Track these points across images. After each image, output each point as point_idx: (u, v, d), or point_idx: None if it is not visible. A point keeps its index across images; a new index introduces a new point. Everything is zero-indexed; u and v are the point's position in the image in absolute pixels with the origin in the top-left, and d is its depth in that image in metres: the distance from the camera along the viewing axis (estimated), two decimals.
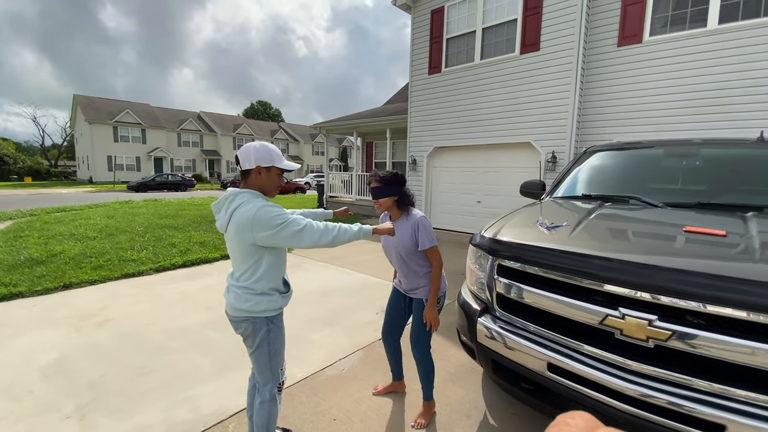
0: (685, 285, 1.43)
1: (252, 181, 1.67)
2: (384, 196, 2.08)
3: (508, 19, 7.47)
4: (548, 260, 1.77)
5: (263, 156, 1.65)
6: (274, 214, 1.55)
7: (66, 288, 4.50)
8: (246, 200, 1.59)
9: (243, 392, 2.48)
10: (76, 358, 2.92)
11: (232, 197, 1.62)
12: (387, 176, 2.08)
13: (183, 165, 39.04)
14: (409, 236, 2.09)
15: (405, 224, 2.12)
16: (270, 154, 1.66)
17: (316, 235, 1.59)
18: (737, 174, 2.64)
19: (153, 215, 10.12)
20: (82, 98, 35.30)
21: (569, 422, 0.38)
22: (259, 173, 1.66)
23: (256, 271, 1.63)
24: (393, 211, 2.16)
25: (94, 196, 19.56)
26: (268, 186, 1.70)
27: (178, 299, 4.20)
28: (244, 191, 1.64)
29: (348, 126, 12.38)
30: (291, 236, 1.55)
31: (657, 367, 1.50)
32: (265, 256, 1.63)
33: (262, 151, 1.65)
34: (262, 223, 1.53)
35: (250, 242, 1.57)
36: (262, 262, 1.63)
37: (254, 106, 60.97)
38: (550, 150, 7.02)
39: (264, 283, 1.65)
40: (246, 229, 1.54)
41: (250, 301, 1.64)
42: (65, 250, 5.93)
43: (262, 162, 1.64)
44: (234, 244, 1.62)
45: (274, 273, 1.68)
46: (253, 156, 1.63)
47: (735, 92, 5.65)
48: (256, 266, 1.63)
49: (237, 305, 1.65)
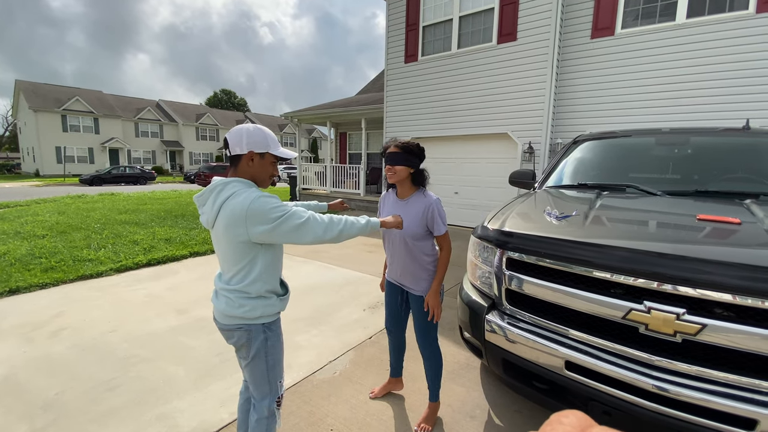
0: (719, 276, 1.35)
1: (242, 168, 1.43)
2: (402, 163, 1.86)
3: (486, 7, 7.40)
4: (567, 252, 1.65)
5: (257, 140, 1.42)
6: (271, 205, 1.33)
7: (12, 293, 4.01)
8: (238, 190, 1.36)
9: (226, 404, 2.25)
10: (27, 373, 2.55)
11: (221, 187, 1.38)
12: (409, 144, 1.87)
13: (141, 157, 36.83)
14: (420, 218, 1.89)
15: (416, 204, 1.92)
16: (265, 138, 1.44)
17: (320, 229, 1.39)
18: (728, 162, 2.66)
19: (111, 210, 9.38)
20: (26, 84, 32.34)
21: (563, 420, 0.38)
22: (251, 160, 1.42)
23: (250, 273, 1.41)
24: (404, 185, 1.95)
25: (42, 190, 17.99)
26: (261, 175, 1.47)
27: (145, 302, 3.84)
28: (235, 180, 1.40)
29: (321, 115, 11.99)
30: (292, 231, 1.34)
31: (685, 363, 1.43)
32: (260, 254, 1.41)
33: (257, 135, 1.42)
34: (258, 216, 1.31)
35: (244, 239, 1.35)
36: (257, 262, 1.41)
37: (218, 95, 58.55)
38: (527, 141, 7.06)
39: (260, 285, 1.43)
40: (239, 224, 1.32)
41: (245, 306, 1.42)
42: (10, 251, 5.33)
43: (255, 147, 1.41)
44: (223, 241, 1.39)
45: (270, 274, 1.47)
46: (245, 139, 1.40)
47: (702, 84, 5.86)
48: (251, 267, 1.40)
49: (229, 311, 1.43)
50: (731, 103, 5.63)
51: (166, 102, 40.92)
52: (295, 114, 12.78)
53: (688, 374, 1.43)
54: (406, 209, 1.93)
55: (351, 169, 11.51)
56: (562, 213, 2.02)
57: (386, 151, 1.91)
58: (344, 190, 11.58)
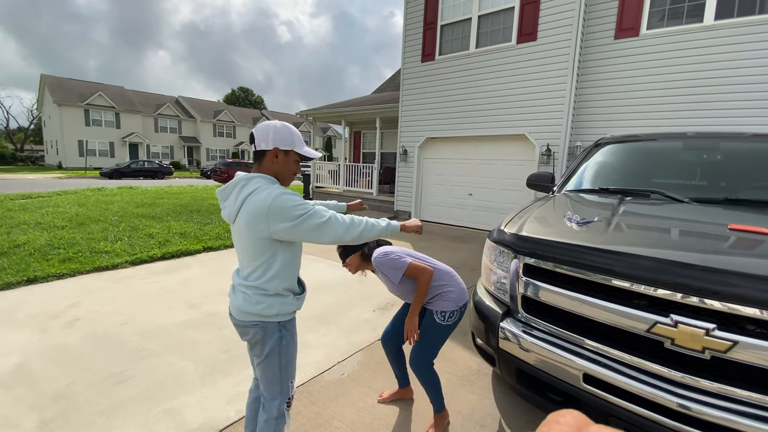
0: (754, 290, 1.26)
1: (267, 164, 1.43)
2: (347, 255, 1.99)
3: (505, 6, 7.27)
4: (589, 260, 1.58)
5: (284, 138, 1.42)
6: (294, 203, 1.32)
7: (30, 283, 4.10)
8: (261, 186, 1.36)
9: (233, 402, 2.24)
10: (40, 363, 2.59)
11: (244, 182, 1.38)
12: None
13: (160, 152, 37.58)
14: (388, 281, 1.97)
15: (380, 276, 2.01)
16: (291, 136, 1.43)
17: (341, 229, 1.37)
18: (759, 169, 2.52)
19: (128, 204, 9.56)
20: (51, 79, 33.32)
21: (560, 420, 0.38)
22: (275, 156, 1.42)
23: (269, 269, 1.40)
24: (365, 267, 2.03)
25: (64, 182, 18.51)
26: (284, 172, 1.47)
27: (157, 295, 3.87)
28: (258, 176, 1.40)
29: (336, 114, 12.01)
30: (313, 229, 1.33)
31: (711, 381, 1.35)
32: (280, 251, 1.40)
33: (283, 132, 1.42)
34: (280, 212, 1.30)
35: (265, 235, 1.34)
36: (277, 259, 1.40)
37: (235, 93, 59.27)
38: (545, 143, 6.91)
39: (278, 282, 1.42)
40: (260, 220, 1.31)
41: (262, 303, 1.40)
42: (30, 241, 5.46)
43: (281, 144, 1.41)
44: (244, 237, 1.38)
45: (289, 271, 1.45)
46: (272, 136, 1.40)
47: (728, 89, 5.64)
48: (270, 263, 1.39)
49: (246, 308, 1.42)
50: (760, 108, 5.40)
51: (185, 99, 41.64)
52: (310, 112, 12.82)
53: (714, 393, 1.34)
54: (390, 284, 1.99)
55: (364, 168, 11.49)
56: (584, 218, 1.94)
57: None
58: (357, 189, 11.56)
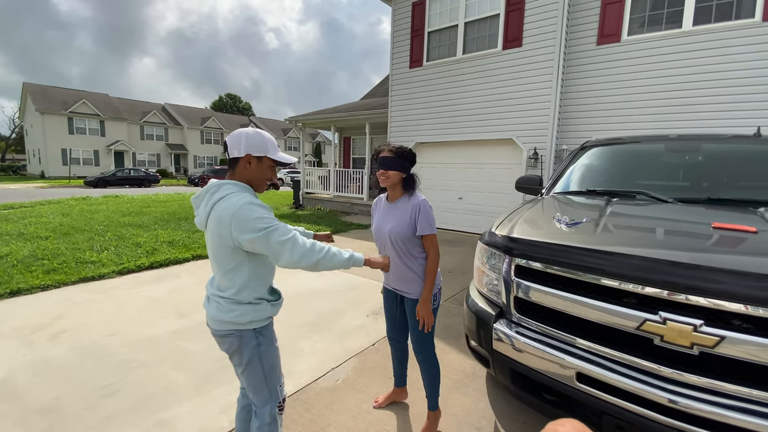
0: (739, 286, 1.30)
1: (240, 171, 1.42)
2: (394, 168, 1.87)
3: (491, 14, 7.40)
4: (579, 260, 1.61)
5: (256, 144, 1.41)
6: (257, 215, 1.30)
7: (13, 295, 3.98)
8: (231, 192, 1.35)
9: (226, 411, 2.20)
10: (26, 377, 2.52)
11: (215, 188, 1.37)
12: (402, 149, 1.88)
13: (146, 159, 37.04)
14: (408, 219, 1.88)
15: (404, 206, 1.91)
16: (264, 142, 1.42)
17: (298, 253, 1.34)
18: (740, 169, 2.61)
19: (114, 212, 9.39)
20: (33, 86, 32.69)
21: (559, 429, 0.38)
22: (248, 163, 1.41)
23: (236, 279, 1.38)
24: (395, 189, 1.95)
25: (47, 191, 18.08)
26: (258, 179, 1.46)
27: (146, 305, 3.80)
28: (229, 182, 1.39)
29: (325, 120, 12.01)
30: (273, 245, 1.31)
31: (700, 376, 1.38)
32: (247, 261, 1.38)
33: (255, 139, 1.41)
34: (242, 223, 1.29)
35: (230, 243, 1.32)
36: (244, 269, 1.38)
37: (223, 99, 58.95)
38: (532, 147, 7.02)
39: (248, 293, 1.41)
40: (225, 227, 1.30)
41: (235, 311, 1.39)
42: (12, 252, 5.31)
43: (253, 150, 1.40)
44: (214, 244, 1.37)
45: (258, 281, 1.44)
46: (243, 143, 1.39)
47: (708, 92, 5.82)
48: (237, 272, 1.38)
49: (219, 316, 1.40)
50: (738, 110, 5.58)
51: (172, 105, 41.19)
52: (299, 118, 12.80)
53: (704, 388, 1.37)
54: (395, 211, 1.93)
55: (354, 173, 11.49)
56: (572, 219, 1.98)
57: (379, 155, 1.91)
58: (347, 195, 11.55)
